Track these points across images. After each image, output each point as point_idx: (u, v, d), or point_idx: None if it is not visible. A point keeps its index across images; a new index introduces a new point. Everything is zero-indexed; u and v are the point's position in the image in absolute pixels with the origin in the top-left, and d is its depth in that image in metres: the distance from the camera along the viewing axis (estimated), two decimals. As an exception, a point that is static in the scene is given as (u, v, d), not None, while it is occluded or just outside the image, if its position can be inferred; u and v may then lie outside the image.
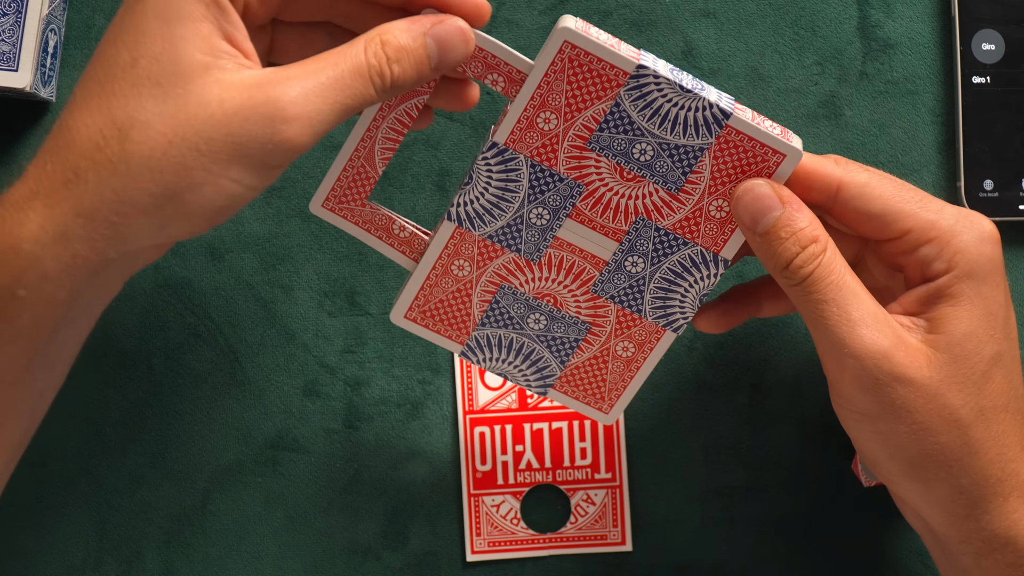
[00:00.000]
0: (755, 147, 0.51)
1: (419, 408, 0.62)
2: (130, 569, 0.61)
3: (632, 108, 0.50)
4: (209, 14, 0.47)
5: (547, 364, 0.55)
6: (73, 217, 0.46)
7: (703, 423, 0.62)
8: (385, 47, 0.48)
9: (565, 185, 0.52)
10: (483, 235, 0.53)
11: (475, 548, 0.61)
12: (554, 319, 0.54)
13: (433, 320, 0.55)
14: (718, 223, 0.52)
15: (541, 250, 0.53)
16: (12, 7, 0.58)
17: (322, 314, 0.61)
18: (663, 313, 0.54)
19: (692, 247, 0.53)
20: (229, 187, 0.46)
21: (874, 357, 0.49)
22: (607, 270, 0.54)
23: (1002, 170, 0.61)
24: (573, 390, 0.56)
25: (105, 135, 0.46)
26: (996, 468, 0.50)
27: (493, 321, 0.54)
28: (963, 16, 0.61)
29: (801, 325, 0.62)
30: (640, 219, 0.52)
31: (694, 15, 0.62)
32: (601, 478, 0.61)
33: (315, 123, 0.47)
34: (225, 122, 0.46)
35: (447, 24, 0.49)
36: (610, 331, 0.55)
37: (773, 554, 0.61)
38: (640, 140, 0.51)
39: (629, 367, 0.56)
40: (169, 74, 0.46)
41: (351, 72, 0.47)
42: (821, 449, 0.62)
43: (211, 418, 0.61)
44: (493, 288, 0.54)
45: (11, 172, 0.61)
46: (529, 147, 0.51)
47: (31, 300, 0.47)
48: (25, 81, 0.58)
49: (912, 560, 0.61)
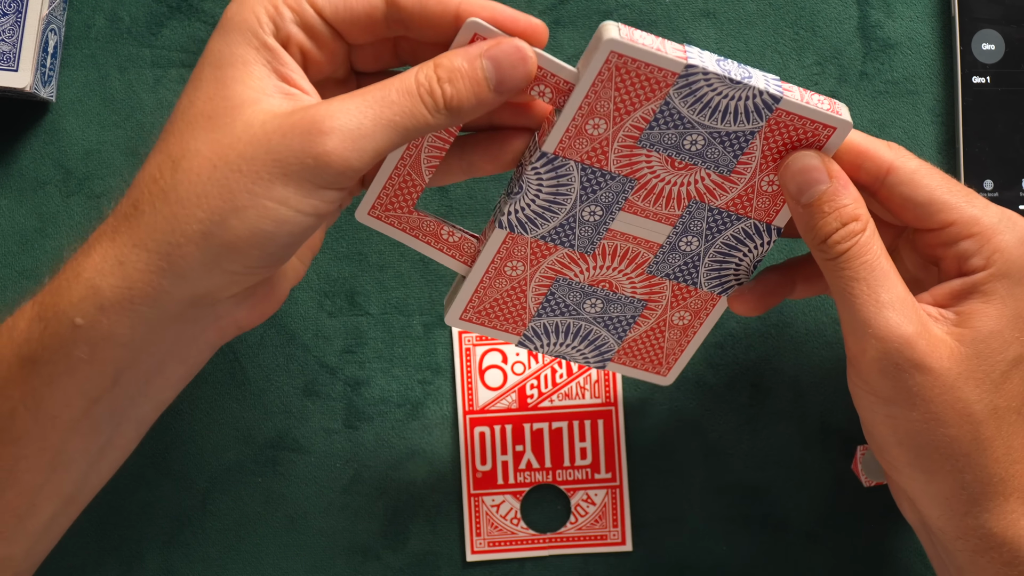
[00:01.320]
0: (805, 124, 0.51)
1: (419, 408, 0.62)
2: (130, 569, 0.61)
3: (682, 104, 0.50)
4: (260, 58, 0.48)
5: (604, 341, 0.56)
6: (131, 248, 0.47)
7: (703, 423, 0.62)
8: (437, 68, 0.48)
9: (617, 182, 0.52)
10: (536, 236, 0.53)
11: (475, 548, 0.61)
12: (610, 301, 0.55)
13: (489, 317, 0.55)
14: (770, 196, 0.52)
15: (595, 243, 0.53)
16: (12, 7, 0.58)
17: (322, 314, 0.61)
18: (719, 282, 0.55)
19: (746, 221, 0.53)
20: (275, 209, 0.46)
21: (897, 341, 0.49)
22: (661, 251, 0.54)
23: (1002, 170, 0.61)
24: (631, 360, 0.56)
25: (161, 168, 0.47)
26: (1001, 467, 0.50)
27: (549, 311, 0.55)
28: (963, 16, 0.61)
29: (801, 325, 0.62)
30: (693, 202, 0.53)
31: (694, 15, 0.62)
32: (601, 478, 0.61)
33: (356, 137, 0.46)
34: (265, 141, 0.46)
35: (504, 44, 0.48)
36: (666, 304, 0.55)
37: (773, 554, 0.61)
38: (691, 132, 0.51)
39: (685, 333, 0.56)
40: (220, 109, 0.47)
41: (399, 90, 0.47)
42: (821, 449, 0.62)
43: (211, 418, 0.61)
44: (548, 282, 0.54)
45: (11, 172, 0.61)
46: (579, 153, 0.51)
47: (88, 330, 0.47)
48: (25, 81, 0.58)
49: (912, 560, 0.61)
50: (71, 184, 0.61)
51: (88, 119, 0.61)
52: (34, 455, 0.49)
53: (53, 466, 0.49)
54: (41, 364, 0.48)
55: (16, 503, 0.49)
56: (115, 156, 0.61)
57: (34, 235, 0.61)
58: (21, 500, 0.49)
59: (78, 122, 0.61)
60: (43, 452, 0.49)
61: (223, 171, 0.46)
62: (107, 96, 0.61)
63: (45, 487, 0.50)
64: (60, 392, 0.48)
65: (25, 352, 0.48)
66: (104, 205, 0.61)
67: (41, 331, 0.48)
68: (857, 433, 0.62)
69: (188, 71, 0.61)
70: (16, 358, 0.48)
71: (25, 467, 0.49)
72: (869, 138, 0.52)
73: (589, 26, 0.61)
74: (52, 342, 0.47)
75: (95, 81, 0.61)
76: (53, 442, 0.49)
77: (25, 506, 0.50)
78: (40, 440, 0.49)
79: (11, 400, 0.48)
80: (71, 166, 0.61)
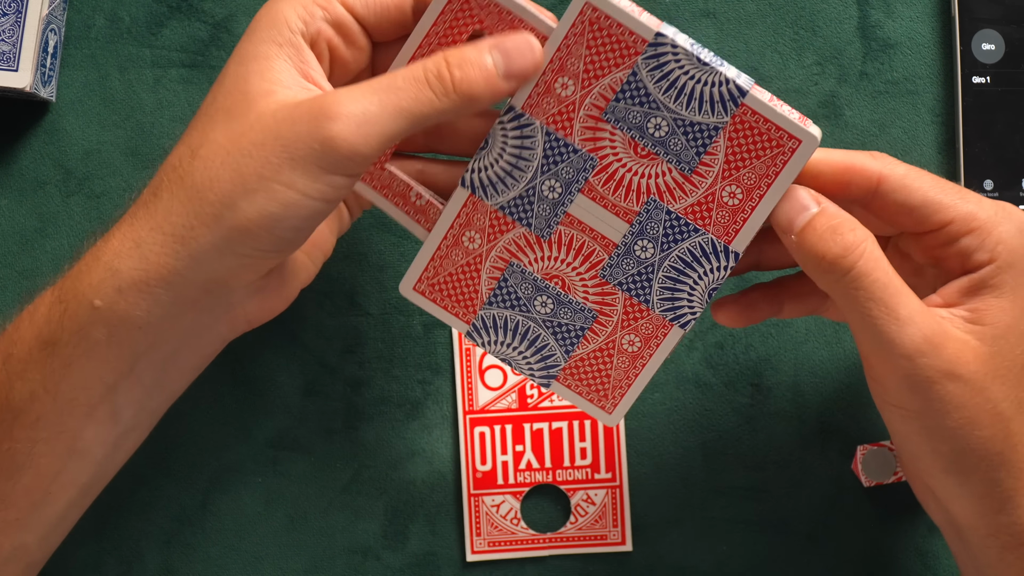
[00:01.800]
0: (771, 130, 0.50)
1: (419, 408, 0.62)
2: (130, 569, 0.61)
3: (649, 78, 0.50)
4: (282, 54, 0.49)
5: (552, 353, 0.55)
6: (148, 231, 0.48)
7: (703, 423, 0.62)
8: (447, 55, 0.49)
9: (579, 157, 0.52)
10: (495, 205, 0.53)
11: (475, 548, 0.61)
12: (561, 303, 0.54)
13: (441, 294, 0.54)
14: (730, 210, 0.52)
15: (552, 226, 0.53)
16: (12, 7, 0.58)
17: (322, 314, 0.61)
18: (671, 306, 0.54)
19: (703, 235, 0.52)
20: (283, 192, 0.47)
21: (925, 355, 0.48)
22: (616, 253, 0.53)
23: (1002, 170, 0.61)
24: (577, 384, 0.55)
25: (180, 157, 0.49)
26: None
27: (500, 301, 0.54)
28: (963, 16, 0.61)
29: (801, 325, 0.62)
30: (652, 200, 0.52)
31: (694, 15, 0.62)
32: (601, 478, 0.61)
33: (362, 122, 0.47)
34: (274, 127, 0.47)
35: (512, 36, 0.50)
36: (616, 321, 0.54)
37: (773, 554, 0.62)
38: (655, 114, 0.51)
39: (634, 363, 0.55)
40: (238, 102, 0.49)
41: (405, 77, 0.48)
42: (821, 449, 0.62)
43: (211, 418, 0.61)
44: (502, 265, 0.54)
45: (11, 172, 0.61)
46: (545, 113, 0.51)
47: (106, 312, 0.48)
48: (25, 81, 0.58)
49: (912, 560, 0.62)
50: (71, 184, 0.61)
51: (88, 119, 0.61)
52: (52, 439, 0.50)
53: (70, 453, 0.50)
54: (60, 346, 0.49)
55: (33, 488, 0.51)
56: (115, 156, 0.61)
57: (34, 235, 0.61)
58: (38, 485, 0.51)
59: (78, 122, 0.61)
60: (61, 436, 0.50)
61: (235, 156, 0.47)
62: (107, 96, 0.61)
63: (62, 474, 0.51)
64: (78, 375, 0.49)
65: (45, 334, 0.49)
66: (104, 205, 0.61)
67: (61, 313, 0.49)
68: (857, 433, 0.62)
69: (188, 71, 0.62)
70: (36, 340, 0.49)
71: (43, 451, 0.50)
72: (851, 152, 0.51)
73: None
74: (71, 324, 0.49)
75: (95, 81, 0.61)
76: (71, 427, 0.50)
77: (41, 493, 0.51)
78: (58, 424, 0.50)
79: (31, 383, 0.49)
80: (71, 166, 0.61)
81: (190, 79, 0.62)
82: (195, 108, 0.61)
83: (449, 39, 0.52)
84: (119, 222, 0.50)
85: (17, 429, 0.50)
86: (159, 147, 0.61)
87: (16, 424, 0.50)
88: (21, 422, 0.50)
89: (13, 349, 0.50)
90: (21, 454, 0.50)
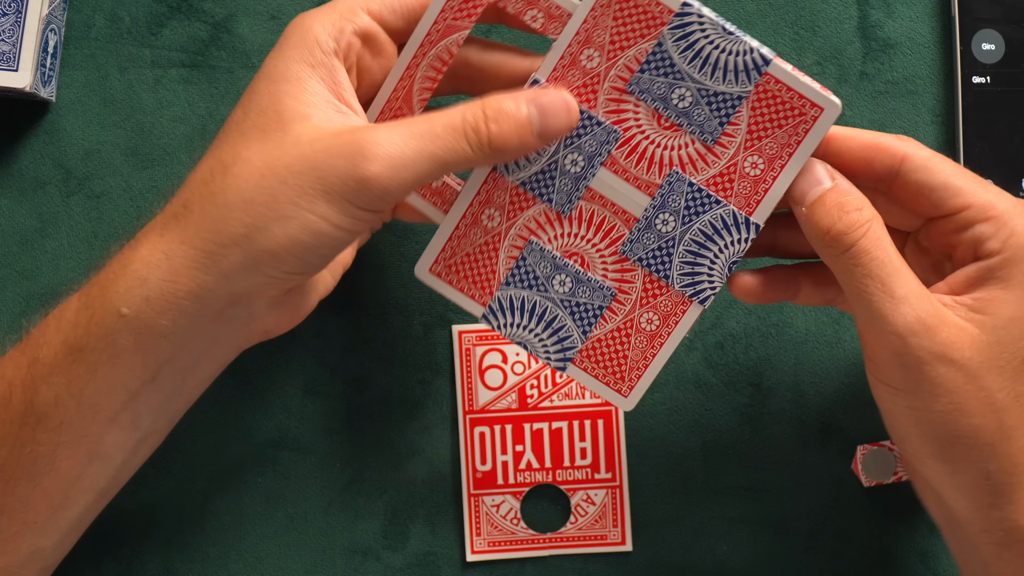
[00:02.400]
0: (794, 98, 0.51)
1: (419, 408, 0.62)
2: (130, 569, 0.61)
3: (674, 49, 0.51)
4: (316, 75, 0.50)
5: (569, 334, 0.54)
6: (178, 244, 0.49)
7: (703, 423, 0.62)
8: (485, 107, 0.50)
9: (603, 130, 0.52)
10: (517, 181, 0.53)
11: (475, 548, 0.61)
12: (580, 282, 0.54)
13: (458, 276, 0.54)
14: (752, 181, 0.52)
15: (573, 201, 0.53)
16: (12, 7, 0.58)
17: (322, 314, 0.61)
18: (691, 281, 0.53)
19: (724, 207, 0.52)
20: (315, 223, 0.48)
21: (916, 335, 0.49)
22: (637, 228, 0.53)
23: (1002, 170, 0.61)
24: (593, 366, 0.55)
25: (212, 172, 0.50)
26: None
27: (518, 281, 0.54)
28: (963, 16, 0.61)
29: (801, 325, 0.62)
30: (674, 172, 0.52)
31: (694, 15, 0.62)
32: (601, 478, 0.61)
33: (397, 166, 0.48)
34: (312, 157, 0.48)
35: (551, 93, 0.51)
36: (636, 299, 0.54)
37: (773, 554, 0.62)
38: (680, 84, 0.51)
39: (652, 343, 0.54)
40: (272, 122, 0.49)
41: (444, 125, 0.49)
42: (821, 449, 0.62)
43: (211, 418, 0.61)
44: (521, 243, 0.54)
45: (11, 172, 0.61)
46: (570, 85, 0.52)
47: (133, 320, 0.49)
48: (25, 81, 0.58)
49: (912, 560, 0.62)
50: (71, 184, 0.61)
51: (88, 119, 0.61)
52: (74, 443, 0.51)
53: (91, 457, 0.51)
54: (87, 352, 0.50)
55: (52, 491, 0.51)
56: (115, 156, 0.61)
57: (34, 235, 0.61)
58: (57, 489, 0.51)
59: (78, 122, 0.61)
60: (83, 441, 0.51)
61: (270, 180, 0.48)
62: (107, 96, 0.61)
63: (81, 479, 0.51)
64: (103, 381, 0.50)
65: (72, 340, 0.50)
66: (104, 205, 0.61)
67: (88, 319, 0.50)
68: (857, 433, 0.62)
69: (188, 71, 0.62)
70: (63, 345, 0.50)
71: (64, 455, 0.51)
72: (879, 133, 0.52)
73: None
74: (98, 330, 0.49)
75: (95, 81, 0.61)
76: (93, 432, 0.51)
77: (61, 496, 0.51)
78: (81, 429, 0.50)
79: (56, 387, 0.50)
80: (71, 166, 0.61)
81: (190, 79, 0.62)
82: (195, 108, 0.61)
83: (464, 13, 0.52)
84: (146, 230, 0.51)
85: (40, 432, 0.50)
86: (159, 147, 0.61)
87: (39, 427, 0.50)
88: (44, 426, 0.50)
89: (39, 353, 0.51)
90: (43, 457, 0.51)
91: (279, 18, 0.62)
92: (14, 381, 0.51)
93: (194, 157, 0.61)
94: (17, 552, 0.52)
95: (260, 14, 0.62)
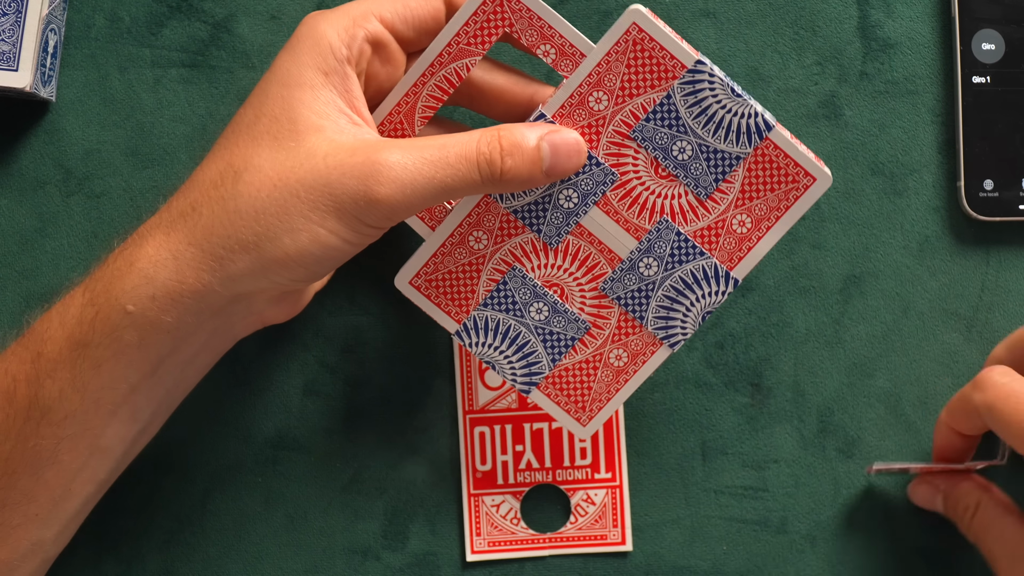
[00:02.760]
0: (789, 165, 0.52)
1: (419, 408, 0.62)
2: (130, 569, 0.61)
3: (682, 103, 0.52)
4: (329, 83, 0.51)
5: (538, 360, 0.55)
6: (186, 245, 0.50)
7: (703, 423, 0.62)
8: (502, 139, 0.51)
9: (601, 171, 0.53)
10: (508, 208, 0.53)
11: (475, 548, 0.61)
12: (556, 312, 0.55)
13: (437, 291, 0.55)
14: (738, 238, 0.53)
15: (561, 235, 0.54)
16: (12, 7, 0.58)
17: (322, 314, 0.61)
18: (664, 325, 0.55)
19: (708, 259, 0.54)
20: (325, 237, 0.49)
21: None
22: (620, 268, 0.54)
23: (1002, 170, 0.61)
24: (557, 393, 0.56)
25: (223, 175, 0.50)
26: None
27: (496, 303, 0.55)
28: (963, 16, 0.61)
29: (801, 325, 0.62)
30: (664, 220, 0.53)
31: (694, 15, 0.62)
32: (601, 478, 0.61)
33: (408, 191, 0.49)
34: (326, 174, 0.49)
35: (565, 133, 0.52)
36: (608, 335, 0.55)
37: (773, 554, 0.61)
38: (682, 137, 0.52)
39: (617, 378, 0.56)
40: (285, 130, 0.50)
41: (458, 154, 0.50)
42: (821, 449, 0.62)
43: (211, 417, 0.61)
44: (504, 268, 0.54)
45: (11, 172, 0.61)
46: (575, 124, 0.52)
47: (138, 317, 0.50)
48: (25, 81, 0.58)
49: (912, 560, 0.61)
50: (71, 184, 0.61)
51: (88, 119, 0.61)
52: (76, 436, 0.51)
53: (92, 450, 0.52)
54: (91, 348, 0.50)
55: (54, 484, 0.52)
56: (115, 156, 0.61)
57: (34, 235, 0.61)
58: (59, 481, 0.52)
59: (78, 122, 0.61)
60: (85, 434, 0.51)
61: (283, 192, 0.49)
62: (107, 96, 0.61)
63: (83, 471, 0.52)
64: (107, 375, 0.51)
65: (77, 335, 0.51)
66: (104, 205, 0.61)
67: (93, 316, 0.50)
68: (857, 432, 0.62)
69: (188, 71, 0.61)
70: (67, 341, 0.51)
71: (67, 448, 0.51)
72: None
73: (589, 25, 0.61)
74: (103, 327, 0.50)
75: (95, 81, 0.61)
76: (95, 426, 0.51)
77: (62, 489, 0.52)
78: (84, 423, 0.51)
79: (60, 381, 0.51)
80: (71, 166, 0.61)
81: (190, 79, 0.62)
82: (195, 108, 0.61)
83: (479, 40, 0.52)
84: (150, 226, 0.51)
85: (44, 427, 0.51)
86: (159, 147, 0.61)
87: (43, 422, 0.51)
88: (49, 420, 0.51)
89: (43, 348, 0.51)
90: (46, 451, 0.51)
91: (279, 18, 0.62)
92: (18, 376, 0.51)
93: (194, 157, 0.61)
94: (19, 545, 0.53)
95: (260, 14, 0.62)
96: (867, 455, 0.61)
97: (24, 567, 0.53)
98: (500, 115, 0.56)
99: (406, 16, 0.53)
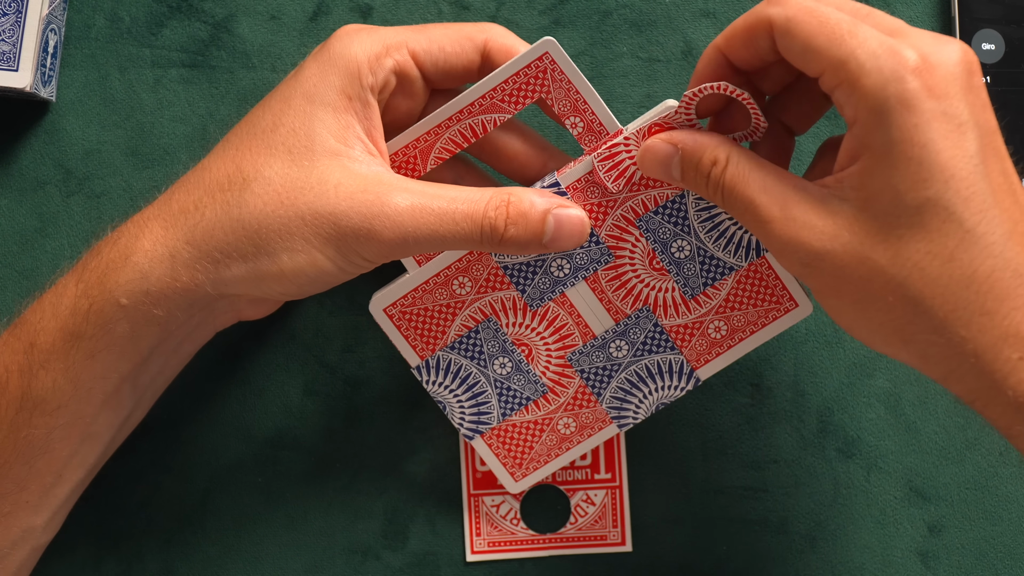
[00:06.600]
0: (777, 287, 0.54)
1: (419, 408, 0.62)
2: (130, 569, 0.61)
3: (693, 205, 0.53)
4: (352, 108, 0.51)
5: (489, 411, 0.57)
6: (184, 244, 0.51)
7: (703, 423, 0.62)
8: (510, 206, 0.51)
9: (599, 249, 0.54)
10: (500, 263, 0.54)
11: (475, 548, 0.61)
12: (519, 370, 0.56)
13: (408, 324, 0.56)
14: (710, 342, 0.55)
15: (544, 299, 0.55)
16: (12, 7, 0.58)
17: (322, 314, 0.61)
18: (619, 406, 0.56)
19: (677, 354, 0.55)
20: (322, 262, 0.50)
21: (792, 248, 0.46)
22: (591, 344, 0.55)
23: (1002, 170, 0.61)
24: (499, 446, 0.58)
25: (231, 179, 0.51)
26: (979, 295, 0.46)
27: (463, 349, 0.56)
28: (963, 16, 0.61)
29: (801, 325, 0.62)
30: (646, 309, 0.55)
31: (694, 15, 0.62)
32: (601, 478, 0.61)
33: (409, 239, 0.50)
34: (335, 203, 0.50)
35: (572, 211, 0.52)
36: (563, 403, 0.57)
37: (773, 554, 0.62)
38: (684, 237, 0.53)
39: (560, 444, 0.57)
40: (302, 146, 0.51)
41: (465, 214, 0.51)
42: (821, 449, 0.62)
43: (211, 417, 0.61)
44: (480, 317, 0.55)
45: (11, 172, 0.61)
46: (586, 200, 0.53)
47: (131, 311, 0.51)
48: (25, 81, 0.58)
49: (912, 560, 0.62)
50: (71, 184, 0.61)
51: (88, 119, 0.61)
52: (69, 425, 0.52)
53: (83, 438, 0.53)
54: (85, 339, 0.51)
55: (45, 471, 0.53)
56: (115, 156, 0.61)
57: (34, 235, 0.61)
58: (50, 469, 0.53)
59: (78, 122, 0.61)
60: (77, 423, 0.52)
61: (289, 211, 0.50)
62: (107, 96, 0.61)
63: (73, 458, 0.53)
64: (100, 366, 0.52)
65: (70, 327, 0.51)
66: (104, 205, 0.61)
67: (87, 308, 0.51)
68: (857, 432, 0.62)
69: (188, 71, 0.61)
70: (61, 332, 0.51)
71: (59, 436, 0.52)
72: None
73: (589, 26, 0.61)
74: (96, 319, 0.51)
75: (95, 81, 0.61)
76: (87, 414, 0.52)
77: (53, 476, 0.53)
78: (76, 412, 0.52)
79: (54, 372, 0.51)
80: (71, 166, 0.61)
81: (190, 79, 0.62)
82: (195, 108, 0.61)
83: (514, 99, 0.53)
84: (147, 219, 0.52)
85: (37, 417, 0.52)
86: (159, 147, 0.61)
87: (36, 412, 0.52)
88: (42, 410, 0.52)
89: (36, 339, 0.52)
90: (39, 440, 0.52)
91: (279, 18, 0.62)
92: (10, 366, 0.52)
93: (195, 157, 0.61)
94: (9, 532, 0.53)
95: (260, 14, 0.62)
96: (867, 455, 0.61)
97: (15, 554, 0.54)
98: (507, 173, 0.57)
99: (438, 60, 0.53)
